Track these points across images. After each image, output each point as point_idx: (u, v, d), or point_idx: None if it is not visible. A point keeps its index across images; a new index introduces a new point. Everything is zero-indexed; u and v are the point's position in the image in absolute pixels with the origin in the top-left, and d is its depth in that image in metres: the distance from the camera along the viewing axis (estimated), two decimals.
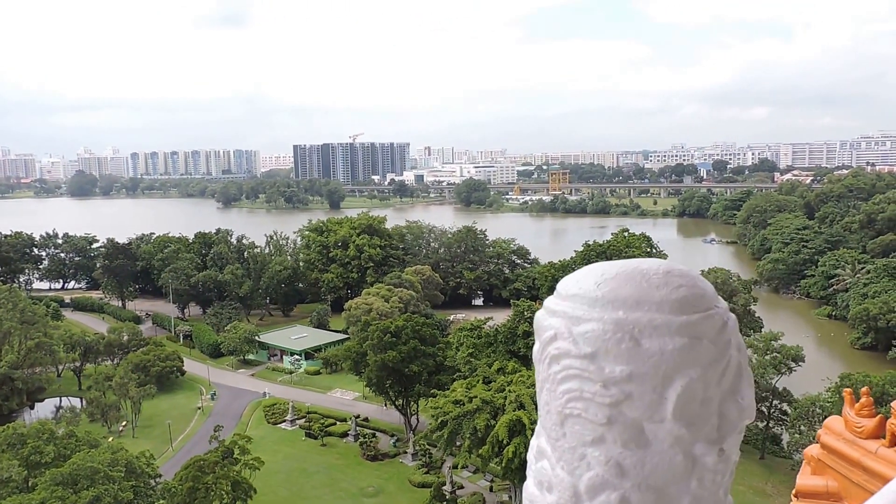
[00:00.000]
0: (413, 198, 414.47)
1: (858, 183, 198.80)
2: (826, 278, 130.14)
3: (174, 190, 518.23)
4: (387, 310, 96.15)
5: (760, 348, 71.52)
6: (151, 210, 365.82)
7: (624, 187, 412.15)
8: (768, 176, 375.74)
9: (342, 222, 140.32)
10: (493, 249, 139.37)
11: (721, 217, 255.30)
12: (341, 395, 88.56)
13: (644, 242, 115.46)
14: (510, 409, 53.85)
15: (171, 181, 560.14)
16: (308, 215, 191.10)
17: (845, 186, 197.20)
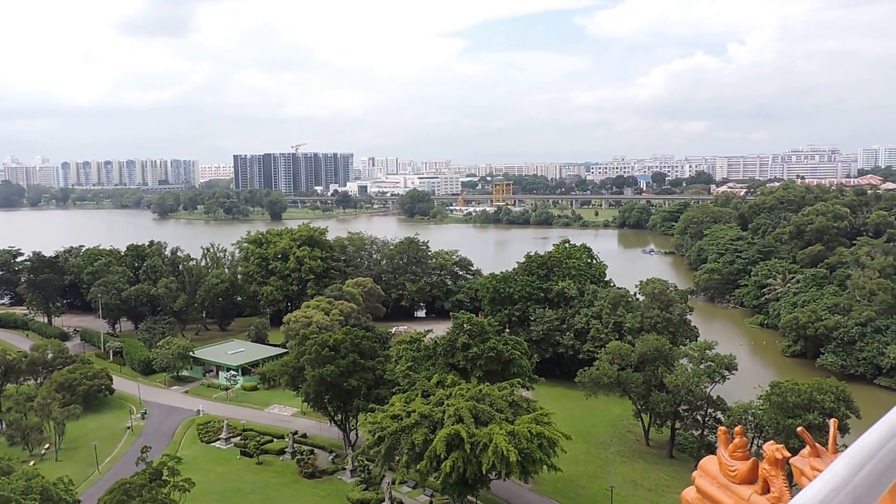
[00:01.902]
0: (357, 209, 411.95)
1: (789, 195, 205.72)
2: (758, 288, 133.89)
3: (108, 201, 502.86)
4: (327, 323, 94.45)
5: (695, 357, 72.58)
6: (82, 222, 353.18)
7: (566, 198, 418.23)
8: (705, 188, 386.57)
9: (282, 234, 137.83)
10: (435, 261, 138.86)
11: (660, 228, 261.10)
12: (279, 411, 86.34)
13: (584, 253, 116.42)
14: (448, 422, 52.99)
15: (105, 192, 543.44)
16: (248, 226, 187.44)
17: (777, 199, 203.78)
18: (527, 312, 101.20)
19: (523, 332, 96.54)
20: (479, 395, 56.89)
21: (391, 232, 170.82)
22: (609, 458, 67.94)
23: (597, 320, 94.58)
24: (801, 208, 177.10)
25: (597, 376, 73.40)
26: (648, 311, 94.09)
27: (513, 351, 69.75)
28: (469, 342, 68.10)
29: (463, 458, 51.36)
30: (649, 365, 73.88)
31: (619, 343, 79.15)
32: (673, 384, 69.47)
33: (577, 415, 78.36)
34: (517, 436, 52.02)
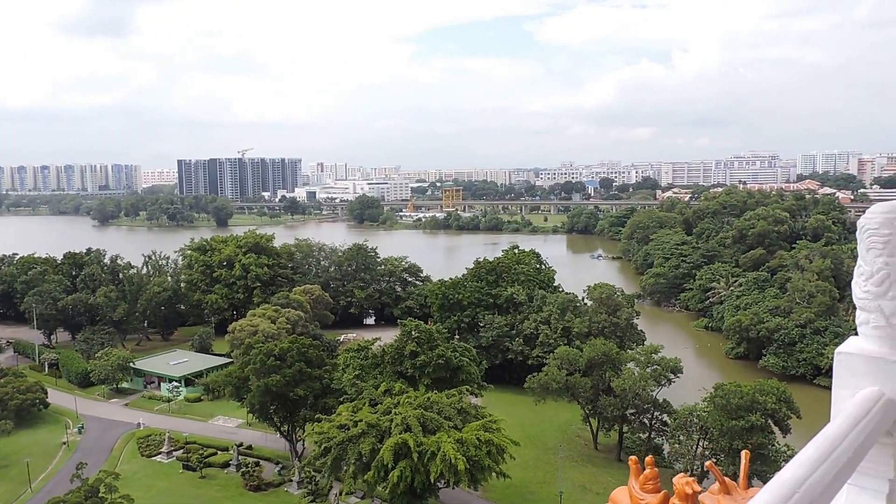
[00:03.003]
0: (305, 215, 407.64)
1: (731, 200, 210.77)
2: (703, 291, 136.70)
3: (44, 207, 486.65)
4: (273, 331, 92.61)
5: (642, 361, 73.38)
6: (17, 229, 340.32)
7: (516, 204, 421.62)
8: (651, 193, 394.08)
9: (227, 241, 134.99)
10: (384, 267, 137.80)
11: (608, 233, 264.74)
12: (223, 422, 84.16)
13: (533, 259, 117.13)
14: (396, 431, 52.30)
15: (42, 197, 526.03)
16: (193, 233, 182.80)
17: (720, 203, 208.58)
18: (476, 319, 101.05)
19: (473, 339, 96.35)
20: (427, 403, 56.31)
21: (340, 238, 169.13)
22: (558, 464, 68.12)
23: (546, 326, 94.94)
24: (743, 213, 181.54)
25: (545, 382, 73.52)
26: (596, 316, 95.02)
27: (461, 358, 69.39)
28: (417, 350, 67.49)
29: (411, 468, 50.75)
30: (597, 369, 74.44)
31: (568, 348, 79.50)
32: (620, 388, 70.06)
33: (526, 421, 78.31)
34: (465, 443, 51.71)
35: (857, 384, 4.22)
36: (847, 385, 4.27)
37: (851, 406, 3.98)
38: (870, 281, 4.38)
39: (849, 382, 4.26)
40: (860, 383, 4.21)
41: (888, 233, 4.28)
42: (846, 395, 4.22)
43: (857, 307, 4.47)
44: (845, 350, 4.37)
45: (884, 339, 4.33)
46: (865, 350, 4.32)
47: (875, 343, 4.35)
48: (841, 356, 4.36)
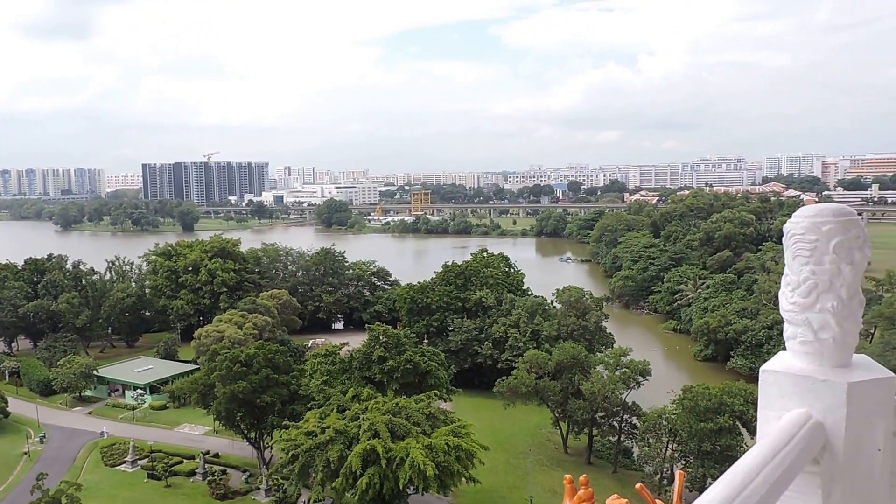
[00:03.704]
0: (272, 219, 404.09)
1: (698, 203, 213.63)
2: (671, 294, 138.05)
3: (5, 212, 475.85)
4: (240, 337, 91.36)
5: (611, 364, 73.70)
6: None
7: (485, 207, 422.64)
8: (619, 196, 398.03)
9: (193, 245, 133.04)
10: (353, 272, 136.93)
11: (576, 236, 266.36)
12: (190, 430, 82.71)
13: (502, 262, 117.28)
14: (364, 438, 51.81)
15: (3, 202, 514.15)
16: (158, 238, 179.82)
17: (687, 206, 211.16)
18: (445, 323, 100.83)
19: (442, 343, 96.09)
20: (395, 409, 55.91)
21: (308, 243, 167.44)
22: (528, 468, 68.08)
23: (515, 329, 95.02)
24: (710, 215, 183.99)
25: (515, 385, 73.51)
26: (565, 319, 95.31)
27: (429, 362, 69.05)
28: (385, 355, 67.04)
29: (379, 474, 50.28)
30: (566, 373, 74.54)
31: (537, 352, 79.63)
32: (589, 391, 70.23)
33: (496, 425, 78.26)
34: (434, 449, 51.40)
35: (784, 405, 3.89)
36: (773, 406, 3.94)
37: (776, 430, 3.66)
38: (796, 292, 4.04)
39: (775, 403, 3.94)
40: (787, 404, 3.88)
41: (814, 239, 3.94)
42: (772, 417, 3.90)
43: (785, 320, 4.13)
44: (771, 367, 4.03)
45: (812, 355, 3.99)
46: (793, 368, 3.98)
47: (803, 360, 4.01)
48: (766, 374, 4.01)
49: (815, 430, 3.72)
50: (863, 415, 3.74)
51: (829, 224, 3.90)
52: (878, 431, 3.80)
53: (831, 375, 3.81)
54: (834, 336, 3.91)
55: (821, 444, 3.74)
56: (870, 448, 3.81)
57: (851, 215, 3.97)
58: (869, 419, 3.77)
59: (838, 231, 3.89)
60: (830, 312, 3.91)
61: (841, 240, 3.89)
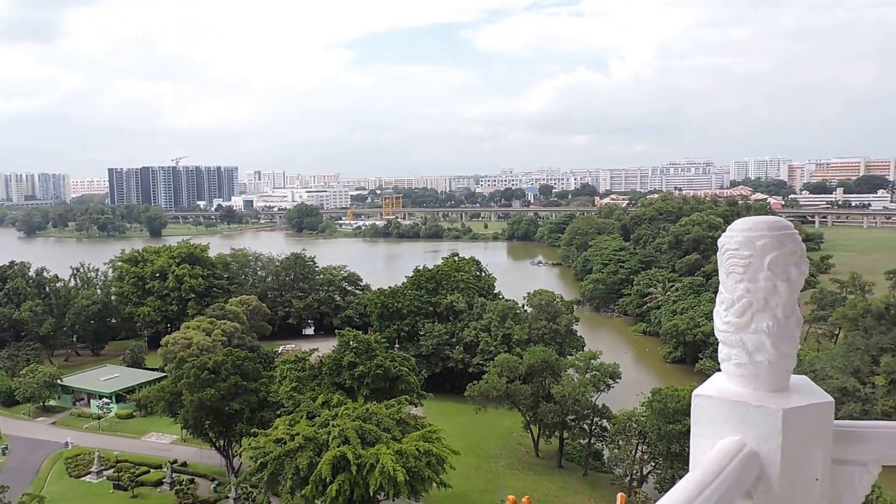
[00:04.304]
0: (242, 224, 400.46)
1: (667, 206, 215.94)
2: (640, 296, 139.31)
3: None
4: (208, 344, 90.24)
5: (581, 367, 74.09)
6: None
7: (456, 211, 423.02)
8: (589, 200, 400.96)
9: (160, 251, 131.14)
10: (323, 277, 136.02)
11: (547, 240, 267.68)
12: (157, 439, 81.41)
13: (473, 266, 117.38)
14: (334, 444, 51.42)
15: None
16: (125, 244, 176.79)
17: (656, 210, 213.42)
18: (416, 327, 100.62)
19: (413, 348, 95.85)
20: (365, 415, 55.57)
21: (278, 247, 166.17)
22: (499, 472, 68.13)
23: (486, 333, 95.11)
24: (679, 219, 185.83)
25: (486, 390, 73.52)
26: (536, 323, 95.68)
27: (400, 367, 68.82)
28: (355, 360, 66.61)
29: (349, 481, 49.90)
30: (537, 376, 74.80)
31: (508, 356, 79.73)
32: (560, 395, 70.55)
33: (467, 429, 78.16)
34: (405, 454, 51.18)
35: (717, 432, 3.63)
36: (706, 433, 3.68)
37: (708, 459, 3.40)
38: (730, 311, 3.79)
39: (708, 430, 3.68)
40: (720, 432, 3.62)
41: (748, 254, 3.70)
42: (705, 446, 3.62)
43: (720, 341, 3.91)
44: (704, 392, 3.77)
45: (746, 378, 3.74)
46: (726, 392, 3.72)
47: (737, 383, 3.76)
48: (699, 399, 3.76)
49: (750, 459, 3.51)
50: (799, 442, 3.55)
51: (763, 239, 3.70)
52: (815, 460, 3.61)
53: (766, 401, 3.60)
54: (769, 358, 3.71)
55: (755, 475, 3.54)
56: (807, 478, 3.62)
57: (787, 229, 3.78)
58: (806, 447, 3.58)
59: (773, 246, 3.69)
60: (766, 333, 3.71)
61: (776, 255, 3.69)
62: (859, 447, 3.80)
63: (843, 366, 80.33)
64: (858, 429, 3.84)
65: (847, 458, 3.79)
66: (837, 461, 3.75)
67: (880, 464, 3.85)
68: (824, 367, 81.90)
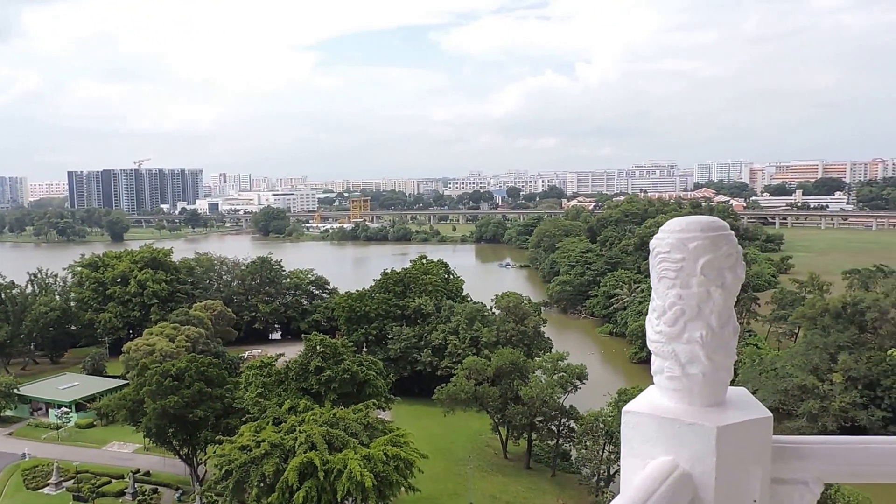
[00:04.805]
0: (207, 227, 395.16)
1: (633, 208, 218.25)
2: (607, 298, 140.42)
3: None
4: (172, 350, 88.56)
5: (549, 369, 74.32)
6: None
7: (424, 214, 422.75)
8: (557, 202, 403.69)
9: (121, 256, 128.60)
10: (290, 280, 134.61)
11: (515, 242, 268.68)
12: (118, 448, 79.58)
13: (441, 269, 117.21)
14: (301, 450, 50.77)
15: None
16: (85, 249, 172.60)
17: (622, 212, 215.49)
18: (384, 331, 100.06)
19: (381, 351, 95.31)
20: (332, 420, 55.01)
21: (244, 251, 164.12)
22: (468, 474, 67.98)
23: (454, 336, 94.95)
24: (644, 221, 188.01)
25: (454, 392, 73.36)
26: (504, 325, 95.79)
27: (368, 371, 68.32)
28: (322, 365, 65.96)
29: (317, 487, 49.30)
30: (505, 378, 74.86)
31: (476, 358, 79.67)
32: (528, 396, 70.67)
33: (436, 432, 77.89)
34: (372, 459, 50.82)
35: (649, 452, 3.36)
36: (637, 453, 3.39)
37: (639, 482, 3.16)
38: (662, 319, 3.52)
39: (639, 450, 3.39)
40: (652, 451, 3.35)
41: (681, 258, 3.42)
42: (636, 466, 3.35)
43: (652, 352, 3.63)
44: (634, 408, 3.48)
45: (680, 392, 3.47)
46: (658, 408, 3.45)
47: (670, 398, 3.50)
48: (629, 416, 3.46)
49: (682, 481, 3.23)
50: (735, 462, 3.28)
51: (696, 241, 3.41)
52: (753, 479, 3.35)
53: (700, 417, 3.32)
54: (704, 371, 3.43)
55: (689, 498, 3.28)
56: (744, 500, 3.36)
57: (723, 230, 3.49)
58: (743, 466, 3.31)
59: (707, 248, 3.40)
60: (699, 343, 3.43)
61: (710, 258, 3.40)
62: (800, 464, 3.55)
63: (802, 364, 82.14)
64: (798, 444, 3.59)
65: (787, 477, 3.54)
66: (777, 480, 3.50)
67: (822, 481, 3.60)
68: (785, 366, 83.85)
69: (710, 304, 3.42)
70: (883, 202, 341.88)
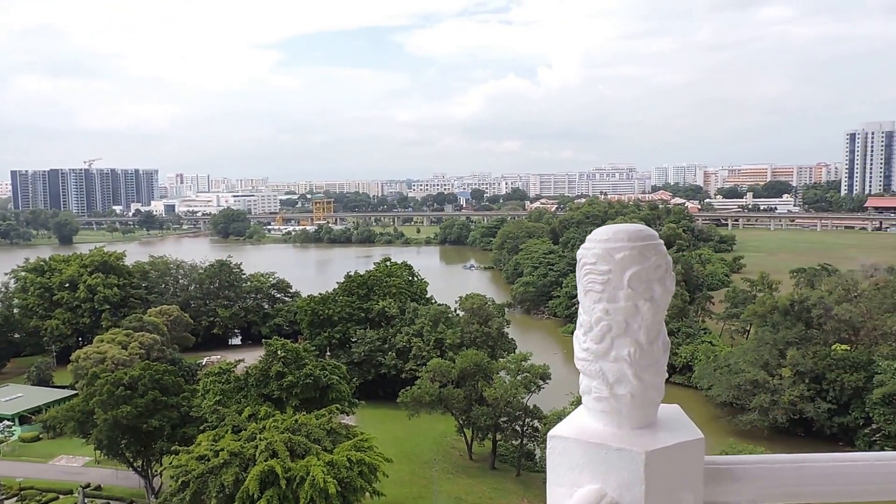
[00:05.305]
0: (163, 230, 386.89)
1: (594, 210, 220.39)
2: (569, 298, 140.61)
3: None
4: (124, 358, 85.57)
5: (513, 369, 73.88)
6: None
7: (388, 216, 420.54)
8: (520, 204, 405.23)
9: (70, 260, 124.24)
10: (250, 284, 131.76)
11: (479, 243, 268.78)
12: (67, 462, 76.24)
13: (405, 271, 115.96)
14: (261, 458, 49.14)
15: None
16: (30, 252, 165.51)
17: (583, 214, 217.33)
18: (347, 334, 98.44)
19: (344, 355, 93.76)
20: (294, 426, 53.47)
21: (202, 254, 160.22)
22: (433, 477, 67.09)
23: (418, 338, 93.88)
24: (605, 222, 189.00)
25: (419, 395, 72.69)
26: (468, 327, 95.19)
27: (331, 376, 66.73)
28: (283, 370, 64.11)
29: (279, 496, 47.84)
30: (469, 380, 74.34)
31: (440, 360, 78.98)
32: (492, 397, 70.32)
33: (400, 436, 76.83)
34: (336, 465, 49.66)
35: (575, 480, 3.02)
36: (563, 481, 3.06)
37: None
38: (589, 336, 3.16)
39: (565, 478, 3.05)
40: (578, 479, 3.02)
41: (607, 269, 3.09)
42: (563, 496, 3.05)
43: (580, 371, 3.26)
44: (559, 433, 3.13)
45: (608, 415, 3.13)
46: (585, 432, 3.10)
47: (599, 420, 3.16)
48: (554, 441, 3.12)
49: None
50: (666, 488, 2.96)
51: (623, 251, 3.08)
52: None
53: (627, 442, 2.99)
54: (632, 391, 3.09)
55: None
56: None
57: (651, 239, 3.14)
58: (673, 492, 3.00)
59: (634, 259, 3.07)
60: (627, 361, 3.08)
61: (637, 270, 3.07)
62: (733, 486, 3.25)
63: (753, 360, 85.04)
64: (731, 466, 3.30)
65: (720, 500, 3.24)
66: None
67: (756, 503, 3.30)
68: (738, 362, 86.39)
69: (638, 319, 3.11)
70: (826, 204, 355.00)
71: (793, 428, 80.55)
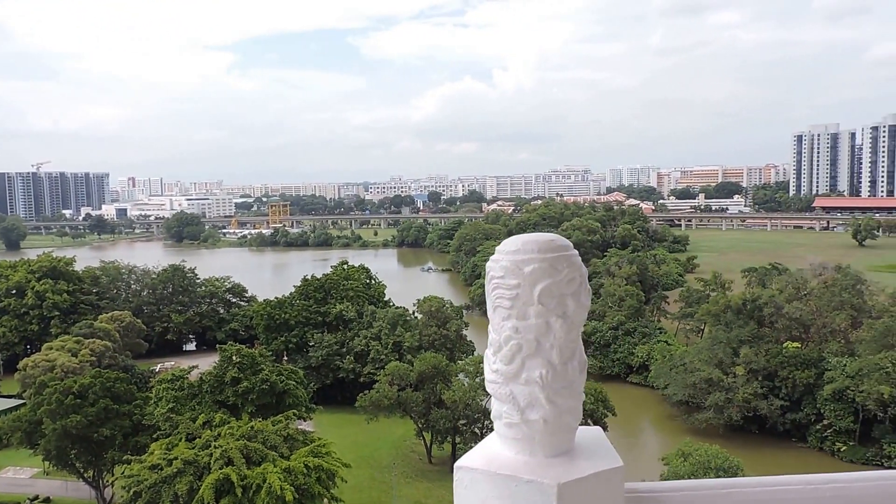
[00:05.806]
0: (115, 234, 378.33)
1: (550, 212, 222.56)
2: None
3: None
4: (74, 365, 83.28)
5: (471, 372, 74.18)
6: None
7: (346, 219, 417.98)
8: (477, 206, 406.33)
9: (17, 265, 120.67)
10: (205, 289, 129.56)
11: (437, 246, 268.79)
12: (14, 474, 73.98)
13: (363, 274, 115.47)
14: (216, 466, 48.47)
15: None
16: None
17: (540, 215, 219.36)
18: (304, 338, 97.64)
19: (302, 359, 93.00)
20: (250, 433, 52.86)
21: (156, 259, 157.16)
22: (393, 482, 66.92)
23: (376, 342, 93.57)
24: (561, 223, 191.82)
25: (377, 399, 72.54)
26: (426, 329, 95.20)
27: (287, 381, 66.12)
28: (239, 376, 63.32)
29: None
30: (428, 383, 74.38)
31: (399, 363, 78.85)
32: (451, 400, 70.52)
33: (359, 440, 76.48)
34: (293, 472, 49.26)
35: None
36: None
37: None
38: (498, 356, 3.00)
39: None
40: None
41: (515, 284, 2.91)
42: None
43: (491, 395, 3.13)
44: (467, 463, 2.99)
45: (520, 442, 2.97)
46: (495, 462, 2.94)
47: (510, 448, 3.00)
48: (461, 473, 3.00)
49: None
50: None
51: (532, 263, 2.88)
52: None
53: (539, 473, 2.78)
54: (545, 416, 2.89)
55: None
56: None
57: (563, 250, 2.95)
58: None
59: (545, 273, 2.87)
60: (539, 384, 2.89)
61: (548, 284, 2.86)
62: None
63: (708, 358, 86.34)
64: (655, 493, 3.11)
65: None
66: None
67: None
68: (693, 361, 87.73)
69: (550, 338, 2.90)
70: (776, 204, 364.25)
71: (747, 425, 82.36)
